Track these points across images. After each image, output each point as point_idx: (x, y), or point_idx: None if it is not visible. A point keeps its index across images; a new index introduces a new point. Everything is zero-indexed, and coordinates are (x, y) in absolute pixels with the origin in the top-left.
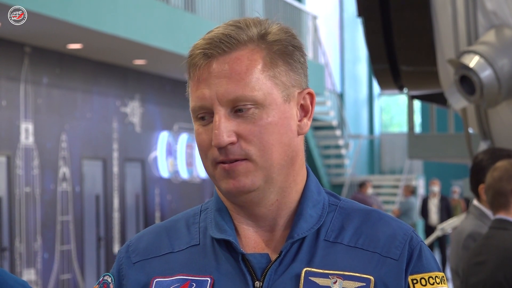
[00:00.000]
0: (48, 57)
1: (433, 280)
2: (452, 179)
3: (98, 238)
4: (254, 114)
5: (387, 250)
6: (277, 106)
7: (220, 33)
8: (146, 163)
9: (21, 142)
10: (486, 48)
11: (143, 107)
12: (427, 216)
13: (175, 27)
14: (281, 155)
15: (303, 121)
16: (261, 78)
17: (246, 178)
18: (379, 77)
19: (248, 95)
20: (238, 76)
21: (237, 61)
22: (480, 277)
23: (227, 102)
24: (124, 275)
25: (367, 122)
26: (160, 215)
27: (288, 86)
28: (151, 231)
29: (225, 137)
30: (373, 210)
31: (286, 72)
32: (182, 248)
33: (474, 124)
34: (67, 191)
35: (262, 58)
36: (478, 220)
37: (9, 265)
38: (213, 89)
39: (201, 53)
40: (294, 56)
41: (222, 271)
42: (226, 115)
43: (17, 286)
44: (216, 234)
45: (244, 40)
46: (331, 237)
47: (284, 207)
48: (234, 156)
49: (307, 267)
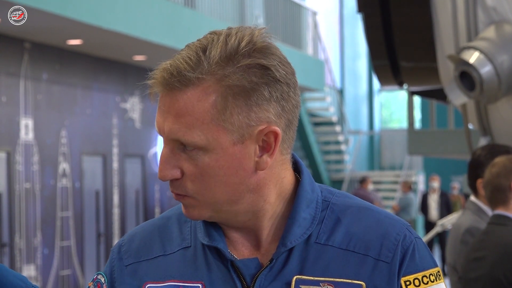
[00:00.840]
0: (48, 53)
1: (427, 279)
2: (452, 175)
3: (98, 234)
4: (197, 155)
5: (379, 253)
6: (222, 150)
7: (176, 65)
8: (146, 159)
9: (21, 138)
10: (486, 44)
11: (143, 103)
12: (427, 212)
13: (175, 23)
14: (228, 193)
15: (262, 157)
16: (207, 122)
17: (193, 210)
18: (379, 73)
19: (188, 140)
20: (183, 119)
21: (187, 101)
22: (478, 272)
23: (171, 140)
24: (115, 278)
25: (367, 118)
26: (160, 211)
27: (243, 127)
28: (144, 230)
29: (167, 173)
30: (366, 207)
31: (244, 112)
32: (174, 251)
33: (474, 120)
34: (67, 187)
35: (213, 101)
36: (476, 215)
37: (9, 261)
38: (162, 122)
39: (157, 82)
40: (260, 95)
41: (212, 277)
42: (173, 150)
43: (17, 282)
44: (205, 240)
45: (198, 77)
46: (322, 239)
47: (264, 219)
48: (177, 191)
49: (297, 274)
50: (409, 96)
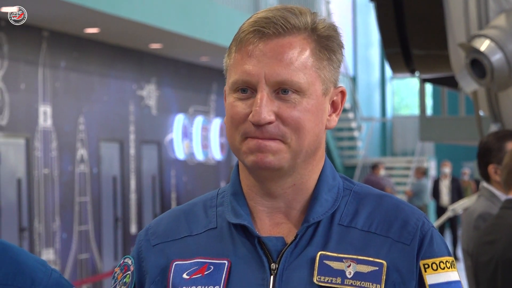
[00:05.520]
0: (65, 41)
1: (444, 265)
2: (463, 161)
3: (115, 219)
4: (295, 99)
5: (399, 235)
6: (316, 96)
7: (277, 15)
8: (162, 145)
9: (40, 125)
10: (496, 32)
11: (159, 90)
12: (439, 197)
13: (191, 12)
14: (310, 143)
15: (332, 116)
16: (308, 67)
17: (274, 157)
18: (391, 61)
19: (294, 81)
20: (288, 61)
21: (290, 46)
22: (490, 255)
23: (273, 83)
24: (143, 257)
25: (379, 105)
26: (176, 196)
27: (327, 81)
28: (170, 215)
29: (266, 115)
30: (386, 195)
31: (328, 67)
32: (200, 232)
33: (485, 107)
34: (84, 173)
35: (312, 49)
36: (489, 201)
37: (28, 245)
38: (261, 67)
39: (256, 30)
40: (336, 54)
41: (238, 254)
42: (268, 95)
43: (37, 266)
44: (233, 219)
45: (299, 27)
46: (345, 221)
47: (300, 192)
48: (271, 135)
49: (321, 250)
50: (421, 84)
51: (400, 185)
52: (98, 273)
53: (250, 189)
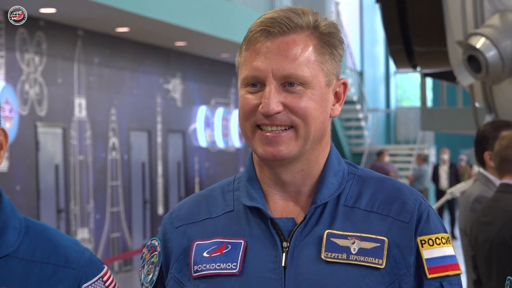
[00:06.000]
0: (98, 40)
1: (439, 241)
2: (460, 148)
3: (144, 201)
4: (301, 91)
5: (399, 214)
6: (320, 88)
7: (282, 15)
8: (186, 134)
9: (75, 116)
10: (491, 31)
11: (184, 84)
12: (438, 181)
13: (213, 13)
14: (316, 129)
15: (335, 106)
16: (312, 62)
17: (285, 147)
18: (395, 57)
19: (299, 74)
20: (293, 56)
21: (294, 43)
22: (487, 235)
23: (280, 77)
24: (168, 239)
25: (384, 97)
26: (199, 180)
27: (329, 74)
28: (191, 200)
29: (274, 106)
30: (387, 178)
31: (330, 61)
32: (218, 214)
33: (480, 99)
34: (116, 159)
35: (314, 45)
36: (484, 185)
37: (65, 225)
38: (269, 63)
39: (262, 30)
40: (338, 49)
41: (254, 234)
42: (276, 88)
43: (71, 245)
44: (248, 202)
45: (302, 25)
46: (350, 202)
47: (308, 176)
48: (281, 123)
49: (328, 229)
50: (422, 78)
51: (403, 170)
52: (128, 250)
53: (263, 174)
